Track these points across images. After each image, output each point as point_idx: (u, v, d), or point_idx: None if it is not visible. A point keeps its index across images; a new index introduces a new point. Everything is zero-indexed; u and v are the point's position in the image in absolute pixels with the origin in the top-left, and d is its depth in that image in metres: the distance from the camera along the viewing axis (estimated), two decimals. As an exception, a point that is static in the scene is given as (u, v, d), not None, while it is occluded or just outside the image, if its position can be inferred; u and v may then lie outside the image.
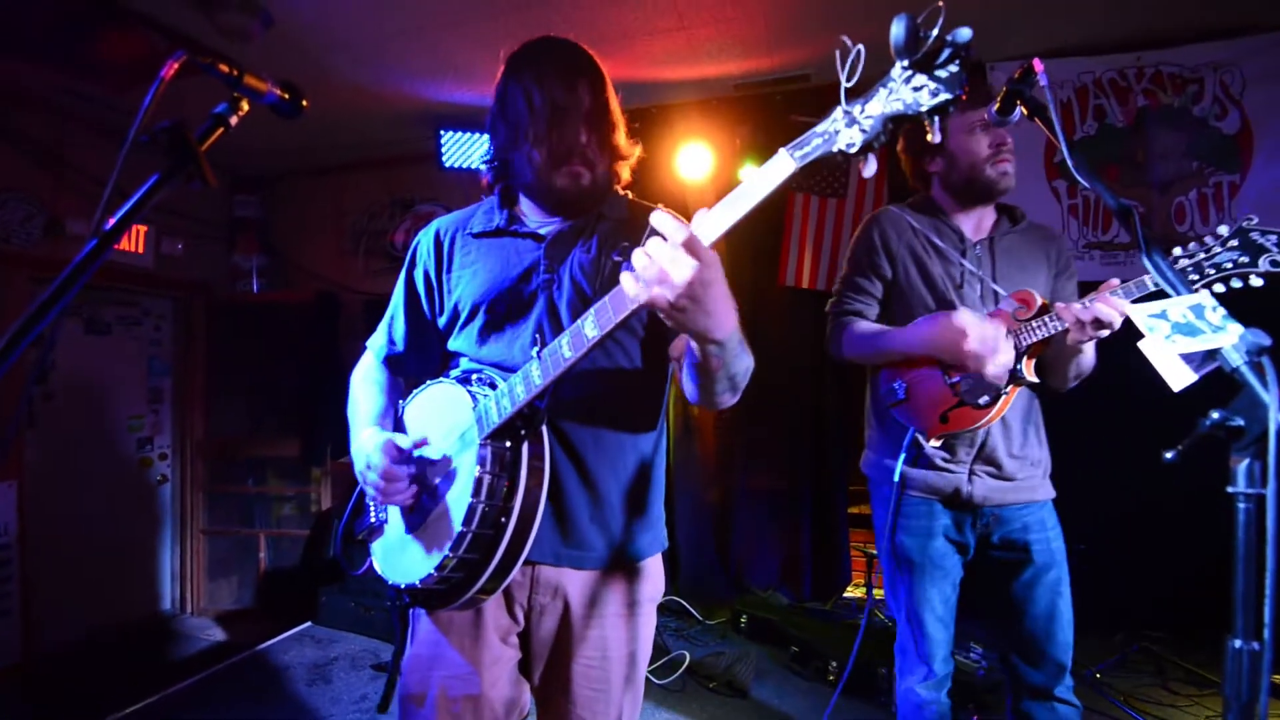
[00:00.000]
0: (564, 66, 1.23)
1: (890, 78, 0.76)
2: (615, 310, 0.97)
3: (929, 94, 0.73)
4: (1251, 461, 0.71)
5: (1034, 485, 1.74)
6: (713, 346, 0.96)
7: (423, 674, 1.23)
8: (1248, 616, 0.71)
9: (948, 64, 0.73)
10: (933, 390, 1.67)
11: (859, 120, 0.77)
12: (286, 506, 4.61)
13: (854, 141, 0.77)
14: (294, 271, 4.92)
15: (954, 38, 0.72)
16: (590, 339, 1.00)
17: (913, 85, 0.74)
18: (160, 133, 0.86)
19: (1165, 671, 2.95)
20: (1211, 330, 0.74)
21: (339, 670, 3.07)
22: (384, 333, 1.43)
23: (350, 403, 1.39)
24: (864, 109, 0.77)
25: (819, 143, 0.80)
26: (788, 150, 0.81)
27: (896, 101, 0.75)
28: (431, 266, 1.35)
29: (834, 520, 3.91)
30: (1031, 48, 3.33)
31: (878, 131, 0.76)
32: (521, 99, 1.21)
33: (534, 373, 1.08)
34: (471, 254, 1.31)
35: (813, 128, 0.80)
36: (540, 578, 1.23)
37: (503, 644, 1.25)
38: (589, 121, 1.21)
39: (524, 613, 1.25)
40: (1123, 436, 3.00)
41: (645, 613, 1.29)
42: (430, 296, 1.36)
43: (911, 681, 1.76)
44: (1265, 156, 3.21)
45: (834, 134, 0.79)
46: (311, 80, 3.43)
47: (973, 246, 1.75)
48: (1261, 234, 1.36)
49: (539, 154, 1.20)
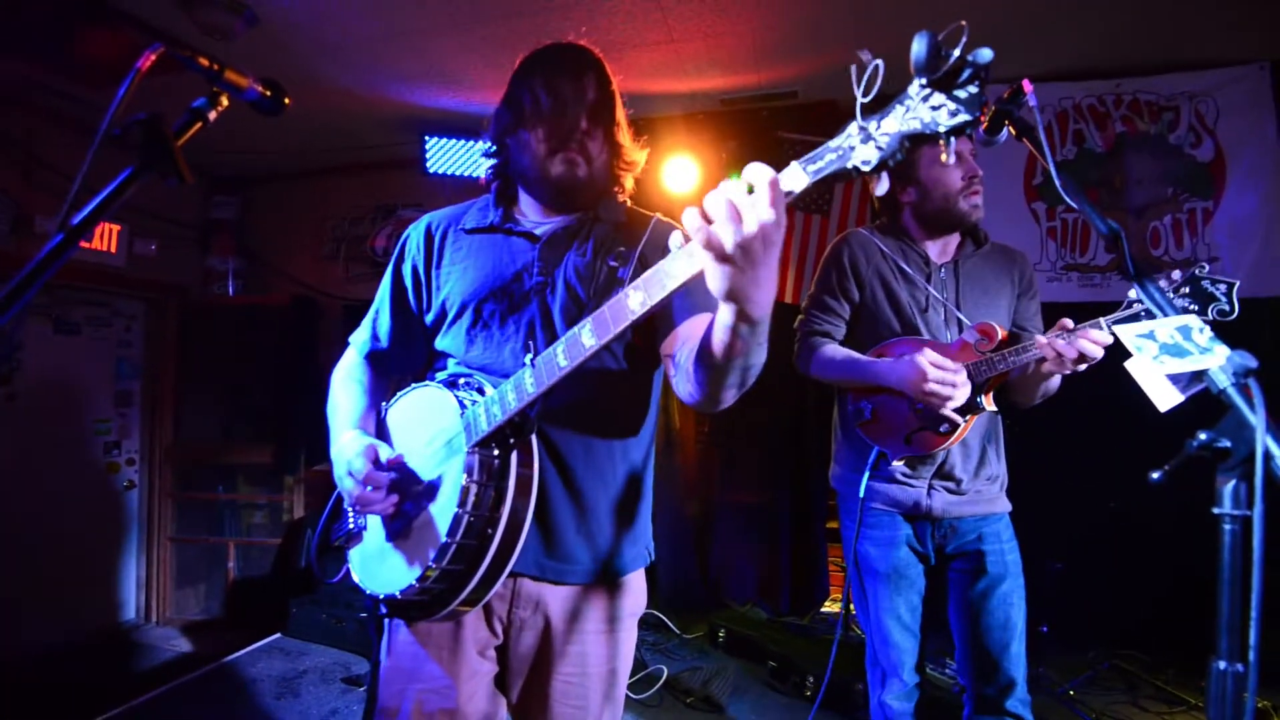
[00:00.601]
0: (572, 64, 1.23)
1: (907, 95, 0.73)
2: (615, 321, 0.94)
3: (947, 114, 0.71)
4: (1238, 483, 0.71)
5: (990, 498, 1.79)
6: (745, 326, 0.87)
7: (398, 687, 1.20)
8: (1232, 638, 0.71)
9: (967, 84, 0.70)
10: (898, 414, 1.74)
11: (875, 137, 0.74)
12: (257, 515, 4.50)
13: (870, 159, 0.74)
14: (271, 275, 4.84)
15: (975, 58, 0.70)
16: (588, 348, 0.98)
17: (931, 104, 0.72)
18: (135, 126, 0.83)
19: (1136, 689, 2.98)
20: (1199, 351, 0.75)
21: (308, 683, 2.99)
22: (368, 328, 1.39)
23: (330, 401, 1.35)
24: (880, 125, 0.74)
25: (833, 158, 0.76)
26: (800, 164, 0.78)
27: (914, 120, 0.72)
28: (420, 261, 1.31)
29: (812, 535, 3.91)
30: (1014, 72, 3.35)
31: (894, 150, 0.73)
32: (527, 93, 1.22)
33: (527, 380, 1.05)
34: (463, 250, 1.28)
35: (827, 143, 0.76)
36: (521, 591, 1.20)
37: (481, 658, 1.22)
38: (590, 113, 1.21)
39: (503, 627, 1.22)
40: (1098, 459, 3.05)
41: (626, 628, 1.27)
42: (418, 292, 1.32)
43: (883, 694, 1.80)
44: (1237, 184, 3.30)
45: (849, 150, 0.75)
46: (295, 82, 3.39)
47: (938, 270, 1.80)
48: (1211, 283, 1.42)
49: (536, 138, 1.20)
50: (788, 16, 2.97)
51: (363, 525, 1.26)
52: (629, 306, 0.92)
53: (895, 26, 3.04)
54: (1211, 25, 3.06)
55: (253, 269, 4.84)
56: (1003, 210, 3.39)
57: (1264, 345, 3.25)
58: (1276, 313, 3.30)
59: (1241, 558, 0.71)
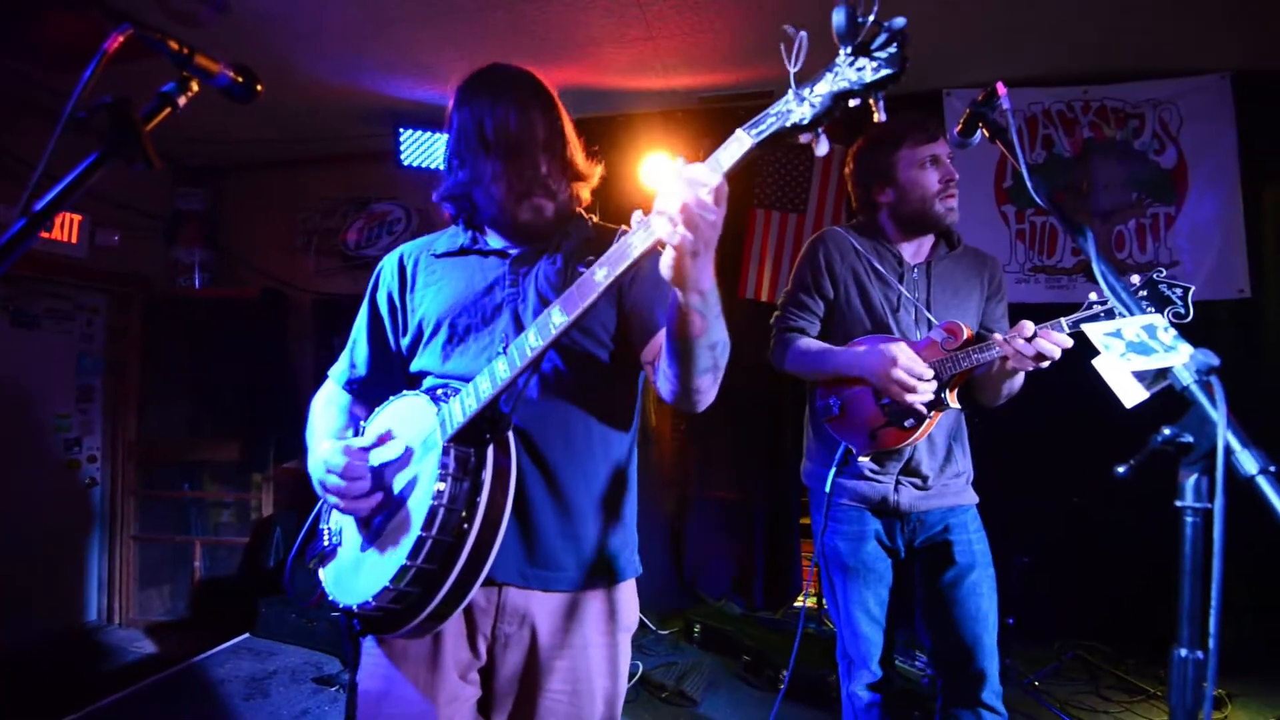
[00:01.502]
0: (515, 96, 1.21)
1: (835, 63, 0.82)
2: (582, 296, 0.97)
3: (871, 70, 0.79)
4: (1199, 477, 0.74)
5: (956, 492, 1.83)
6: (696, 297, 0.95)
7: (371, 713, 1.16)
8: (1193, 627, 0.73)
9: (886, 46, 0.79)
10: (864, 409, 1.77)
11: (809, 99, 0.83)
12: (224, 513, 4.41)
13: (805, 116, 0.82)
14: (239, 268, 4.74)
15: (890, 24, 0.79)
16: (558, 326, 0.99)
17: (855, 66, 0.80)
18: (101, 109, 0.80)
19: (1098, 679, 3.07)
20: (1163, 350, 0.77)
21: (278, 684, 2.94)
22: (346, 358, 1.40)
23: (309, 427, 1.35)
24: (813, 90, 0.83)
25: (773, 120, 0.85)
26: (744, 129, 0.86)
27: (842, 81, 0.81)
28: (395, 288, 1.32)
29: (786, 531, 3.95)
30: (986, 77, 3.45)
31: (828, 107, 0.82)
32: (474, 133, 1.20)
33: (500, 368, 1.05)
34: (436, 273, 1.30)
35: (767, 109, 0.85)
36: (506, 604, 1.17)
37: (462, 681, 1.18)
38: (547, 150, 1.21)
39: (487, 645, 1.18)
40: (1062, 455, 3.13)
41: (622, 644, 1.23)
42: (394, 318, 1.33)
43: (852, 685, 1.83)
44: (1198, 190, 3.40)
45: (786, 112, 0.84)
46: (266, 71, 3.30)
47: (910, 271, 1.84)
48: (1168, 287, 1.49)
49: (499, 189, 1.20)
50: (764, 17, 2.99)
51: (337, 543, 1.23)
52: (595, 280, 0.97)
53: (871, 29, 3.08)
54: (1176, 36, 3.15)
55: (220, 261, 4.73)
56: (973, 212, 3.45)
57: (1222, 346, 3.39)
58: (1234, 315, 3.42)
59: (1202, 549, 0.73)
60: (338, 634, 3.18)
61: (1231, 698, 2.84)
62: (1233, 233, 3.35)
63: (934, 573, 1.80)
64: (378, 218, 4.70)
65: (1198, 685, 0.73)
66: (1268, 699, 2.85)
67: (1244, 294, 3.34)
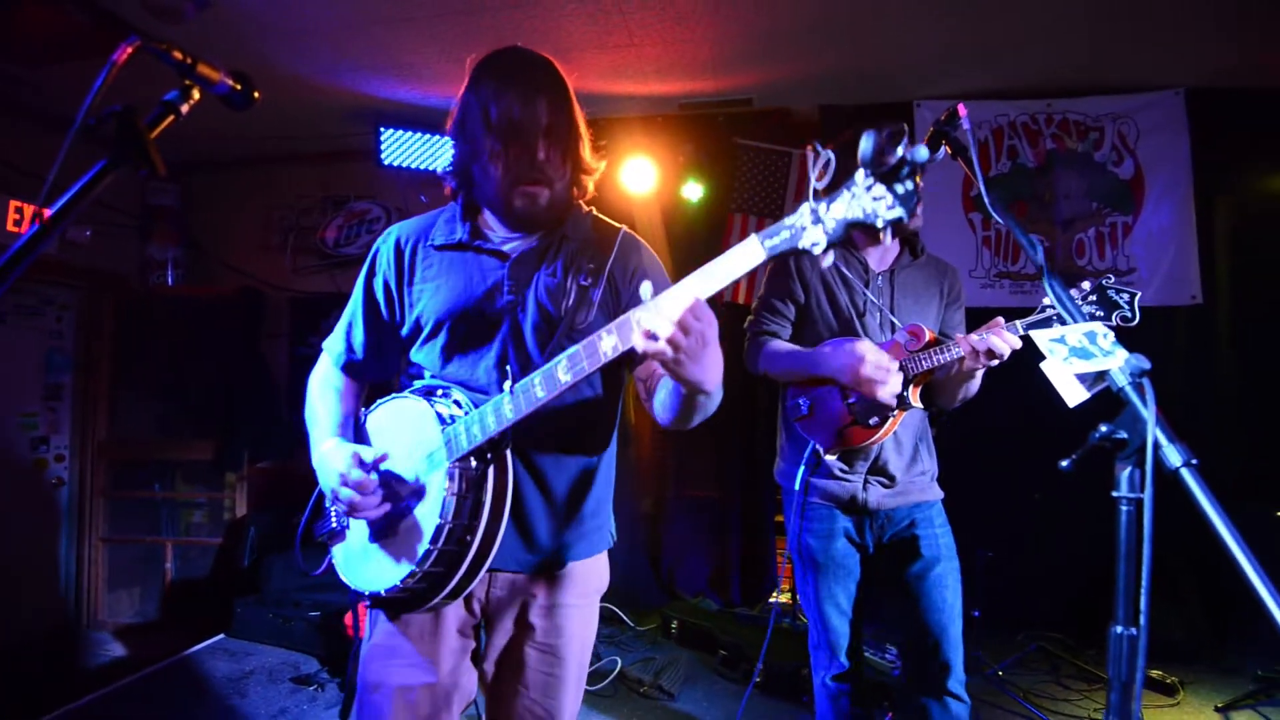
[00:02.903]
0: (524, 81, 1.21)
1: (853, 182, 0.84)
2: (589, 361, 1.03)
3: (886, 207, 0.82)
4: (1133, 470, 0.82)
5: (922, 487, 1.91)
6: (701, 396, 1.05)
7: (380, 663, 1.27)
8: (1128, 605, 0.81)
9: (906, 179, 0.81)
10: (831, 409, 1.84)
11: (824, 220, 0.85)
12: (197, 513, 4.35)
13: (818, 241, 0.85)
14: (214, 265, 4.69)
15: (913, 156, 0.81)
16: (563, 383, 1.06)
17: (873, 195, 0.82)
18: (109, 117, 0.84)
19: (1059, 669, 3.19)
20: (1102, 354, 0.85)
21: (255, 684, 2.93)
22: (342, 339, 1.41)
23: (309, 409, 1.38)
24: (829, 209, 0.85)
25: (787, 235, 0.88)
26: (759, 237, 0.89)
27: (858, 208, 0.83)
28: (392, 277, 1.34)
29: (762, 528, 4.04)
30: (956, 89, 3.59)
31: (839, 235, 0.84)
32: (479, 113, 1.20)
33: (506, 408, 1.12)
34: (434, 268, 1.31)
35: (783, 220, 0.87)
36: (498, 578, 1.28)
37: (460, 635, 1.29)
38: (547, 137, 1.20)
39: (481, 606, 1.30)
40: (1023, 454, 3.25)
41: (593, 603, 1.37)
42: (390, 306, 1.35)
43: (824, 675, 1.91)
44: (1154, 201, 3.57)
45: (801, 229, 0.87)
46: (247, 67, 3.29)
47: (875, 277, 1.92)
48: (1116, 292, 1.58)
49: (496, 171, 1.21)
50: (744, 27, 3.07)
51: (346, 524, 1.32)
52: (602, 350, 1.02)
53: (840, 43, 3.18)
54: (1134, 54, 3.31)
55: (195, 258, 4.68)
56: (941, 219, 3.58)
57: (1176, 350, 3.58)
58: (1189, 320, 3.58)
59: (1135, 535, 0.81)
60: (315, 634, 3.18)
61: (1183, 684, 2.98)
62: (1186, 242, 3.52)
63: (901, 566, 1.87)
64: (357, 216, 4.69)
65: (1132, 658, 0.81)
66: (1216, 685, 2.99)
67: (1196, 300, 3.51)
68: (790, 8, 2.92)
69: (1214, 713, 2.80)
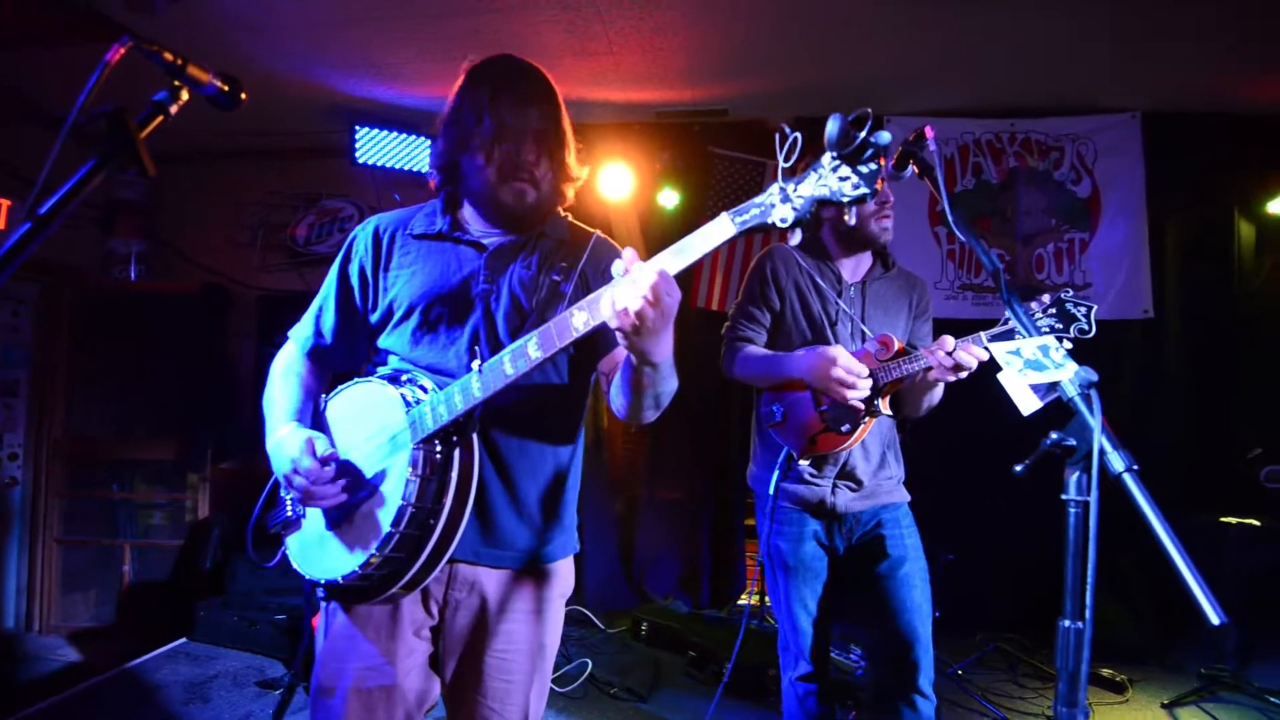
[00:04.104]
0: (520, 86, 1.26)
1: (820, 164, 0.88)
2: (560, 337, 1.05)
3: (851, 186, 0.87)
4: (1080, 474, 0.88)
5: (889, 490, 1.96)
6: (649, 368, 1.06)
7: (336, 666, 1.24)
8: (1075, 601, 0.87)
9: (870, 161, 0.86)
10: (804, 415, 1.88)
11: (792, 198, 0.89)
12: (156, 515, 4.24)
13: (786, 218, 0.89)
14: (179, 261, 4.59)
15: (876, 139, 0.85)
16: (533, 360, 1.07)
17: (839, 175, 0.87)
18: (100, 117, 0.84)
19: (1016, 668, 3.30)
20: (1054, 366, 0.91)
21: (219, 688, 2.87)
22: (311, 324, 1.40)
23: (267, 394, 1.37)
24: (797, 189, 0.89)
25: (757, 212, 0.91)
26: (729, 215, 0.93)
27: (824, 187, 0.88)
28: (369, 263, 1.35)
29: (732, 531, 4.10)
30: (924, 106, 3.71)
31: (807, 211, 0.88)
32: (472, 112, 1.24)
33: (474, 386, 1.12)
34: (411, 255, 1.32)
35: (753, 198, 0.91)
36: (458, 575, 1.26)
37: (416, 637, 1.27)
38: (537, 140, 1.25)
39: (439, 608, 1.28)
40: (984, 461, 3.35)
41: (555, 609, 1.35)
42: (364, 292, 1.36)
43: (792, 675, 1.95)
44: (1109, 218, 3.73)
45: (770, 207, 0.91)
46: (218, 62, 3.25)
47: (848, 288, 1.98)
48: (1074, 305, 1.63)
49: (487, 165, 1.24)
50: (720, 40, 3.13)
51: (301, 513, 1.29)
52: (573, 325, 1.04)
53: (809, 57, 3.26)
54: (1093, 78, 3.46)
55: (159, 253, 4.57)
56: (909, 233, 3.69)
57: (1130, 362, 3.73)
58: (1141, 333, 3.75)
59: (1082, 535, 0.87)
60: (281, 637, 3.13)
61: (1132, 682, 3.11)
62: (1139, 258, 3.69)
63: (869, 566, 1.90)
64: (329, 214, 4.64)
65: (1078, 650, 0.87)
66: (1164, 683, 3.13)
67: (1148, 314, 3.67)
68: (765, 24, 3.00)
69: (1160, 709, 2.93)
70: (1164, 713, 2.91)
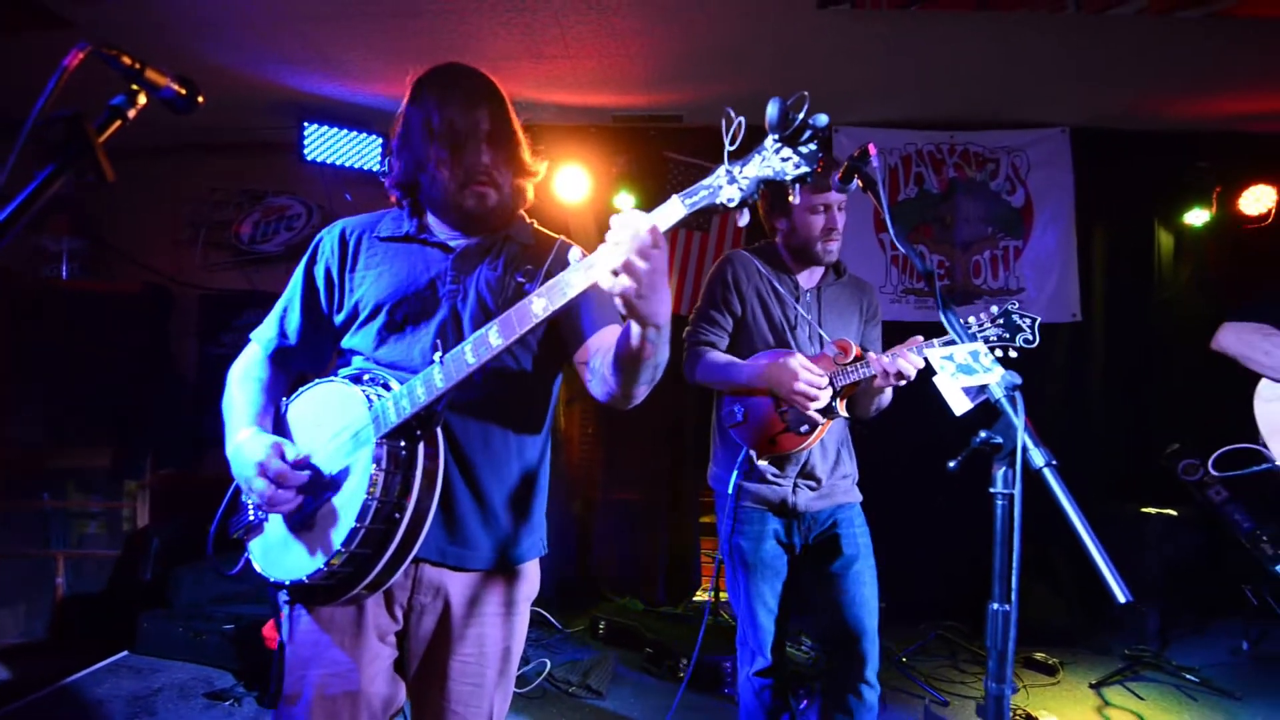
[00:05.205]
0: (464, 92, 1.27)
1: (763, 147, 0.93)
2: (520, 323, 1.06)
3: (793, 165, 0.91)
4: (1007, 469, 0.96)
5: (844, 490, 2.05)
6: (652, 330, 1.03)
7: (299, 673, 1.23)
8: (1002, 585, 0.95)
9: (809, 142, 0.91)
10: (765, 416, 1.94)
11: (738, 180, 0.93)
12: (92, 524, 4.06)
13: (733, 198, 0.93)
14: (115, 259, 4.40)
15: (814, 121, 0.90)
16: (494, 347, 1.07)
17: (781, 156, 0.92)
18: (57, 122, 0.84)
19: (957, 654, 3.46)
20: (983, 371, 0.99)
21: (165, 701, 2.77)
22: (274, 325, 1.40)
23: (227, 398, 1.35)
24: (742, 170, 0.93)
25: (705, 194, 0.95)
26: (680, 196, 0.96)
27: (768, 168, 0.92)
28: (335, 264, 1.35)
29: (686, 529, 4.19)
30: (871, 117, 3.86)
31: (752, 191, 0.92)
32: (421, 123, 1.26)
33: (436, 376, 1.12)
34: (378, 256, 1.33)
35: (701, 180, 0.95)
36: (423, 578, 1.26)
37: (381, 642, 1.27)
38: (490, 142, 1.27)
39: (404, 612, 1.28)
40: (926, 461, 3.50)
41: (521, 611, 1.36)
42: (330, 293, 1.36)
43: (749, 670, 2.01)
44: (1041, 227, 3.95)
45: (718, 188, 0.94)
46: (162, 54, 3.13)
47: (804, 294, 2.06)
48: (1020, 317, 1.71)
49: (444, 175, 1.25)
50: (673, 50, 3.21)
51: (263, 517, 1.28)
52: (533, 311, 1.05)
53: (763, 67, 3.36)
54: (1026, 95, 3.67)
55: (94, 251, 4.36)
56: (855, 240, 3.84)
57: (1058, 362, 3.96)
58: (1070, 336, 3.98)
59: (1008, 525, 0.95)
60: (230, 646, 3.04)
61: (1062, 665, 3.30)
62: (1068, 265, 3.92)
63: (824, 563, 1.98)
64: (275, 211, 4.52)
65: (1005, 630, 0.95)
66: (1092, 665, 3.33)
67: (1076, 318, 3.91)
68: (718, 36, 3.08)
69: (1089, 689, 3.12)
70: (1091, 692, 3.09)
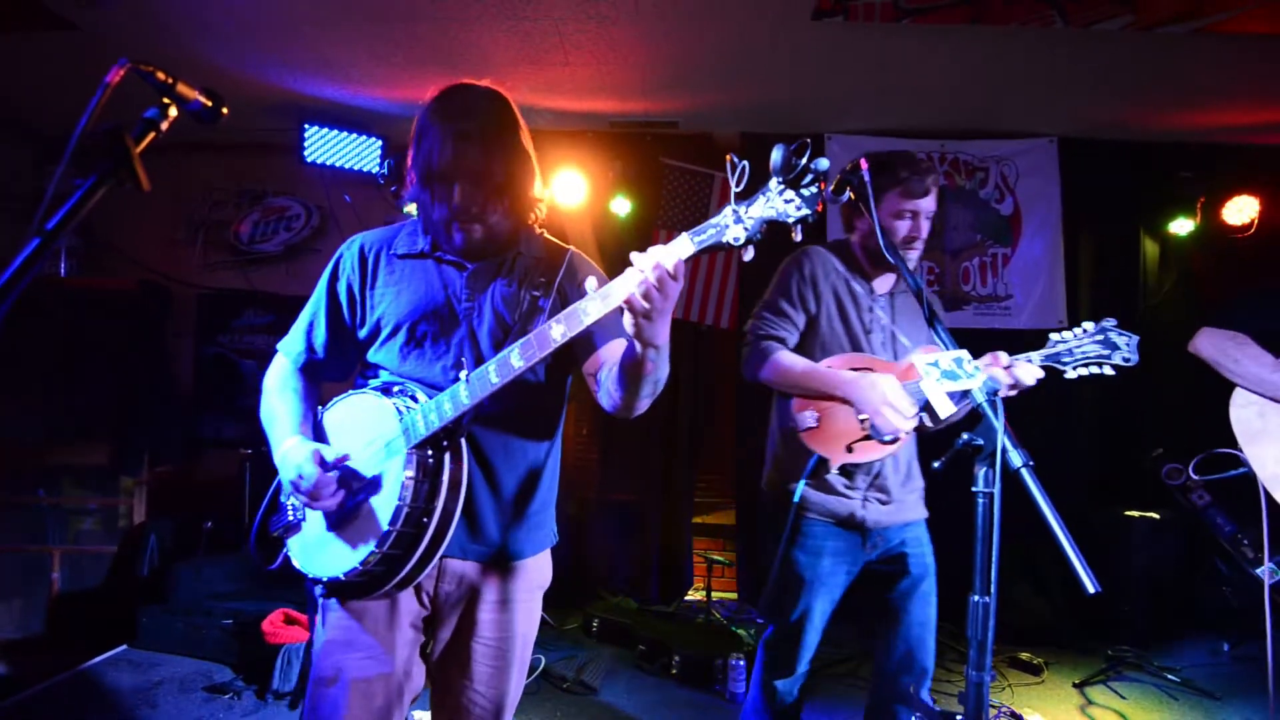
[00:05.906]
0: (458, 124, 1.28)
1: (768, 188, 1.00)
2: (540, 347, 1.14)
3: (795, 208, 0.98)
4: (987, 469, 1.02)
5: (913, 504, 1.95)
6: (652, 350, 1.12)
7: (336, 658, 1.31)
8: (983, 578, 1.01)
9: (810, 185, 0.97)
10: (844, 424, 1.78)
11: (744, 219, 1.00)
12: (88, 520, 4.08)
13: (739, 236, 1.00)
14: (113, 257, 4.42)
15: (816, 166, 0.97)
16: (516, 369, 1.16)
17: (784, 198, 0.98)
18: (98, 135, 0.89)
19: (944, 655, 3.52)
20: (967, 376, 1.05)
21: (166, 695, 2.80)
22: (301, 339, 1.46)
23: (266, 410, 1.42)
24: (748, 210, 1.00)
25: (713, 232, 1.02)
26: (689, 234, 1.03)
27: (771, 209, 0.99)
28: (355, 281, 1.41)
29: (679, 530, 4.25)
30: (864, 125, 3.94)
31: (757, 231, 0.99)
32: (424, 154, 1.29)
33: (462, 394, 1.21)
34: (396, 273, 1.39)
35: (710, 219, 1.02)
36: (447, 569, 1.35)
37: (412, 628, 1.36)
38: (481, 180, 1.28)
39: (430, 599, 1.37)
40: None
41: (535, 599, 1.45)
42: (353, 308, 1.42)
43: (775, 677, 1.95)
44: (1029, 235, 4.03)
45: (724, 227, 1.01)
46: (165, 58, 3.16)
47: (878, 299, 1.95)
48: (1119, 334, 1.63)
49: (434, 213, 1.32)
50: (670, 58, 3.27)
51: (302, 517, 1.37)
52: (552, 336, 1.14)
53: (758, 77, 3.43)
54: (1015, 106, 3.75)
55: (91, 248, 4.39)
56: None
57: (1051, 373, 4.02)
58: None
59: (989, 522, 1.01)
60: (230, 641, 3.08)
61: (1047, 664, 3.37)
62: (1055, 272, 4.01)
63: (890, 582, 1.89)
64: (275, 212, 4.55)
65: (985, 621, 1.01)
66: (1075, 664, 3.40)
67: (1063, 324, 3.98)
68: (714, 45, 3.15)
69: (1072, 688, 3.18)
70: (1075, 691, 3.16)
